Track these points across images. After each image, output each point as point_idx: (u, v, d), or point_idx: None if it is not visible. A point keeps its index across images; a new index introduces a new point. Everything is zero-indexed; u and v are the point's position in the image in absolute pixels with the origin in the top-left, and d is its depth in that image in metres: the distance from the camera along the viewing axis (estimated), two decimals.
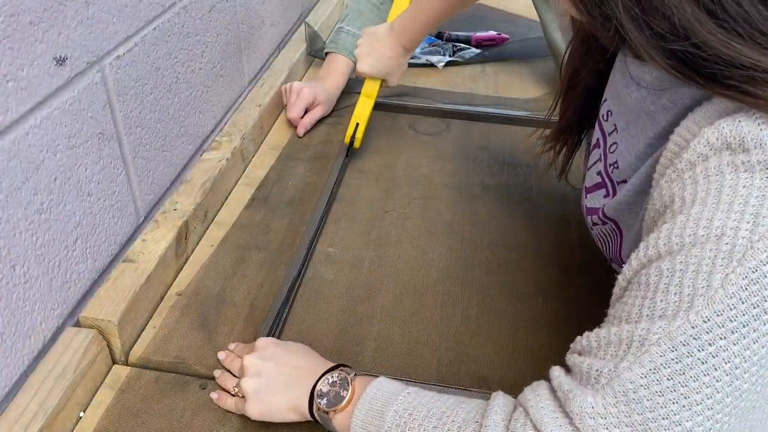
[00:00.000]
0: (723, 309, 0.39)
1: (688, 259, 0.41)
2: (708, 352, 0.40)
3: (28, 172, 0.62)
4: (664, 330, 0.41)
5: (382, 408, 0.55)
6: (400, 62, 1.04)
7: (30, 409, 0.61)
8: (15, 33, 0.58)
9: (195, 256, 0.89)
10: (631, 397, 0.42)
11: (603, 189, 0.65)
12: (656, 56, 0.44)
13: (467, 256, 0.89)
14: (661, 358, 0.41)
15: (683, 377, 0.40)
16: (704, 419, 0.40)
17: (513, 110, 1.26)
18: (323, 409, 0.59)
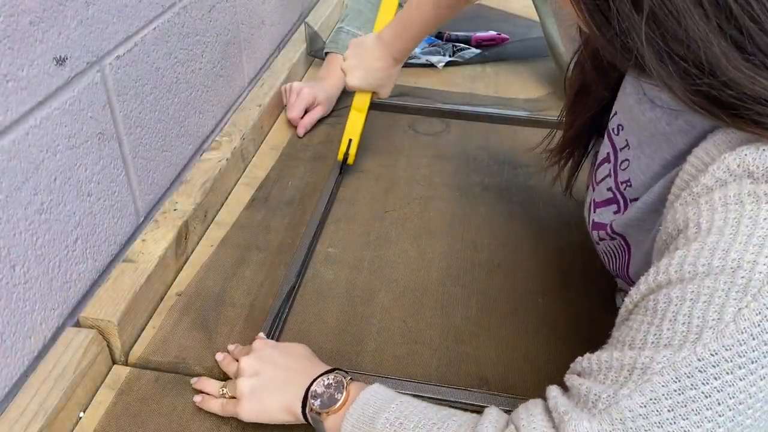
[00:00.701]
0: (732, 344, 0.38)
1: (701, 290, 0.40)
2: (713, 386, 0.39)
3: (28, 172, 0.62)
4: (668, 360, 0.40)
5: (373, 415, 0.55)
6: (390, 73, 1.01)
7: (30, 410, 0.61)
8: (15, 33, 0.58)
9: (195, 256, 0.89)
10: (629, 425, 0.41)
11: (614, 205, 0.64)
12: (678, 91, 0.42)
13: (467, 256, 0.89)
14: (663, 388, 0.40)
15: (684, 410, 0.39)
16: None
17: (513, 110, 1.26)
18: (316, 410, 0.59)
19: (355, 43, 1.01)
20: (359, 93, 1.04)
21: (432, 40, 1.51)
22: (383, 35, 0.98)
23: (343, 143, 1.05)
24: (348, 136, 1.05)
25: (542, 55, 1.44)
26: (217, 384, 0.67)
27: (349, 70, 1.00)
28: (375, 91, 1.03)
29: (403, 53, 0.98)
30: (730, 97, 0.41)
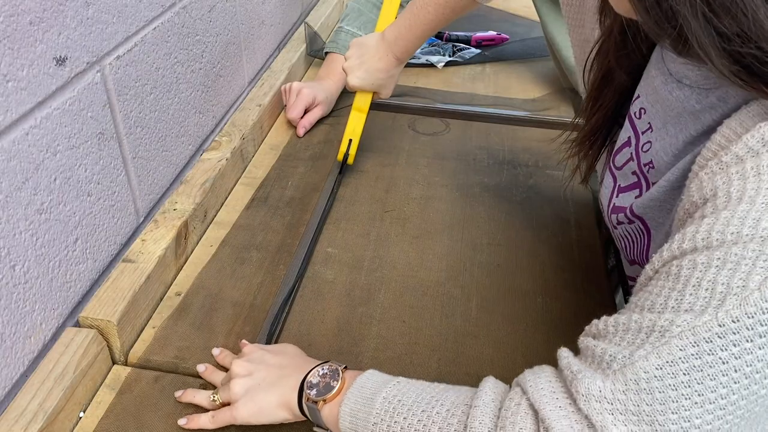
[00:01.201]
0: (755, 312, 0.38)
1: (727, 257, 0.40)
2: (731, 352, 0.39)
3: (28, 172, 0.62)
4: (688, 324, 0.40)
5: (371, 395, 0.54)
6: (392, 74, 1.00)
7: (30, 410, 0.61)
8: (15, 33, 0.59)
9: (195, 256, 0.89)
10: (643, 386, 0.41)
11: (637, 189, 0.63)
12: (717, 60, 0.41)
13: (467, 256, 0.89)
14: (680, 351, 0.40)
15: (701, 374, 0.39)
16: (715, 418, 0.39)
17: (513, 110, 1.26)
18: (312, 398, 0.58)
19: (356, 43, 1.01)
20: (360, 93, 1.04)
21: (432, 40, 1.52)
22: (386, 35, 0.97)
23: (343, 143, 1.05)
24: (348, 136, 1.05)
25: (542, 55, 1.44)
26: (206, 393, 0.66)
27: (351, 69, 1.00)
28: (376, 92, 1.03)
29: (406, 53, 0.97)
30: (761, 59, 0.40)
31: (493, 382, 0.51)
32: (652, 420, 0.40)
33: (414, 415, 0.51)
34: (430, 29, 0.94)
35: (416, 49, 0.98)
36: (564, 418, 0.44)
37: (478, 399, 0.49)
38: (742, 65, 0.41)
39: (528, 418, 0.46)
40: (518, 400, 0.47)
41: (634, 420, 0.41)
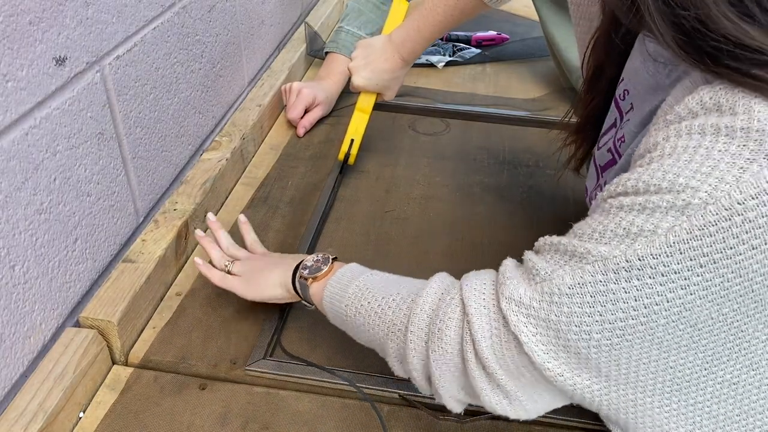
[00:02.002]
0: (659, 254, 0.42)
1: (646, 203, 0.44)
2: (633, 284, 0.43)
3: (27, 172, 0.62)
4: (602, 255, 0.45)
5: (347, 282, 0.64)
6: (397, 75, 1.01)
7: (29, 410, 0.61)
8: (14, 33, 0.58)
9: (195, 256, 0.89)
10: (555, 300, 0.47)
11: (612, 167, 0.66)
12: (665, 30, 0.45)
13: (467, 256, 0.89)
14: (591, 277, 0.45)
15: (604, 298, 0.45)
16: (613, 336, 0.45)
17: (513, 110, 1.26)
18: (304, 276, 0.68)
19: (363, 44, 1.01)
20: (364, 93, 1.04)
21: None
22: (393, 36, 0.98)
23: (344, 143, 1.05)
24: (350, 136, 1.05)
25: (542, 55, 1.44)
26: (221, 254, 0.79)
27: (356, 69, 1.00)
28: (380, 93, 1.03)
29: (413, 54, 0.98)
30: (711, 39, 0.42)
31: (442, 277, 0.60)
32: (557, 329, 0.47)
33: (375, 299, 0.61)
34: (439, 30, 0.95)
35: (423, 50, 0.99)
36: (484, 315, 0.51)
37: (424, 290, 0.58)
38: (685, 35, 0.44)
39: (457, 310, 0.54)
40: (454, 294, 0.55)
41: (543, 326, 0.47)
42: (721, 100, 0.43)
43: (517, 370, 0.50)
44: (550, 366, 0.48)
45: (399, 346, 0.58)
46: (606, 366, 0.47)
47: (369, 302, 0.61)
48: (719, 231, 0.40)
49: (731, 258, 0.40)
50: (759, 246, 0.40)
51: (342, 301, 0.64)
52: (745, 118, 0.41)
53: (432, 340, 0.55)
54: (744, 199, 0.39)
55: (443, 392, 0.56)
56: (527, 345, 0.48)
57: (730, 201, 0.40)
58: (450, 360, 0.54)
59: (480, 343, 0.51)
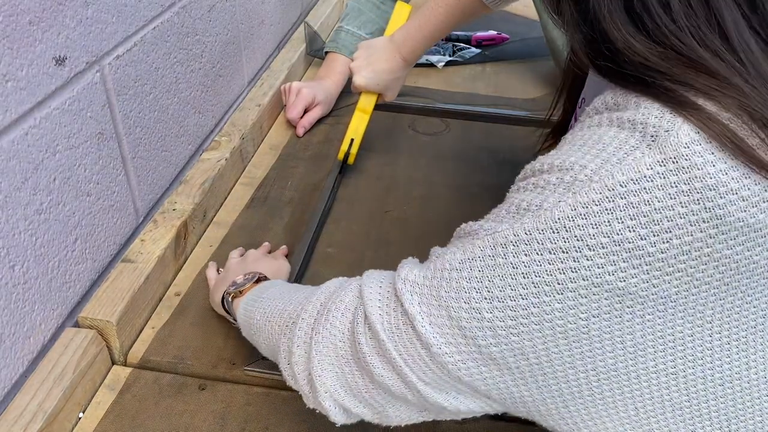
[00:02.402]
0: (545, 229, 0.42)
1: (538, 181, 0.45)
2: (520, 260, 0.43)
3: (27, 172, 0.62)
4: (491, 230, 0.45)
5: (262, 291, 0.66)
6: (398, 75, 1.01)
7: (29, 410, 0.61)
8: (14, 33, 0.58)
9: (194, 256, 0.89)
10: (445, 275, 0.46)
11: None
12: (576, 40, 0.48)
13: None
14: (480, 251, 0.45)
15: (492, 273, 0.44)
16: (506, 317, 0.44)
17: (513, 110, 1.26)
18: (229, 292, 0.70)
19: (364, 45, 1.02)
20: (365, 94, 1.03)
21: None
22: (395, 36, 0.99)
23: (344, 142, 1.04)
24: (350, 135, 1.04)
25: (542, 55, 1.44)
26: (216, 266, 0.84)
27: (357, 69, 1.00)
28: (381, 93, 1.03)
29: (414, 54, 0.98)
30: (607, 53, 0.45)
31: (341, 278, 0.58)
32: (447, 306, 0.46)
33: (282, 299, 0.60)
34: (440, 30, 0.95)
35: (424, 50, 0.98)
36: (376, 299, 0.50)
37: (323, 285, 0.57)
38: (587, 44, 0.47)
39: (351, 294, 0.53)
40: (351, 282, 0.55)
41: (435, 305, 0.46)
42: (618, 100, 0.45)
43: (420, 359, 0.47)
44: (447, 351, 0.46)
45: (289, 340, 0.56)
46: (512, 356, 0.45)
47: (276, 302, 0.61)
48: (603, 212, 0.40)
49: (620, 245, 0.40)
50: (646, 236, 0.40)
51: (254, 306, 0.63)
52: (633, 111, 0.43)
53: (318, 322, 0.53)
54: (625, 182, 0.40)
55: (320, 387, 0.52)
56: (421, 326, 0.46)
57: (612, 181, 0.40)
58: (333, 344, 0.52)
59: (375, 325, 0.49)
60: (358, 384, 0.51)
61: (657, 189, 0.40)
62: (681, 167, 0.40)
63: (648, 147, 0.41)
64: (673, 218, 0.40)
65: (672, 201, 0.40)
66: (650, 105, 0.43)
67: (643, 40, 0.44)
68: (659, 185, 0.40)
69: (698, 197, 0.39)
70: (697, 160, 0.39)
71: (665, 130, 0.41)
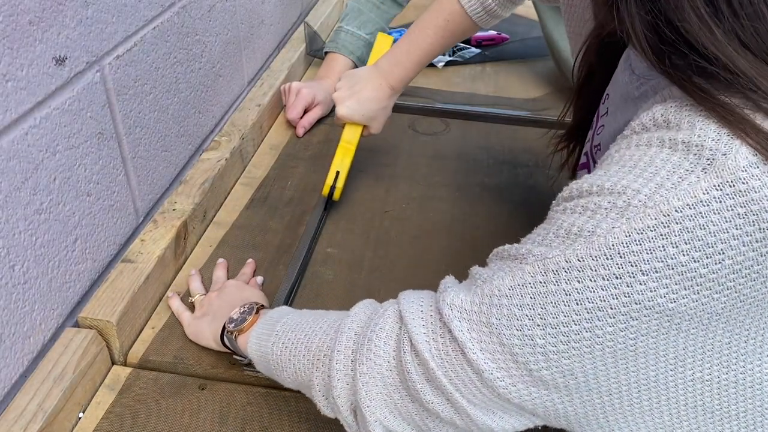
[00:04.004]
0: (599, 255, 0.42)
1: (588, 204, 0.44)
2: (574, 287, 0.42)
3: (27, 172, 0.62)
4: (542, 255, 0.44)
5: (274, 323, 0.62)
6: (385, 105, 0.95)
7: (29, 410, 0.61)
8: (14, 33, 0.58)
9: (194, 256, 0.89)
10: (494, 302, 0.45)
11: (586, 169, 0.66)
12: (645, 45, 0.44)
13: (467, 256, 0.89)
14: (531, 277, 0.44)
15: (544, 300, 0.44)
16: (558, 342, 0.44)
17: (513, 110, 1.26)
18: (230, 330, 0.67)
19: (348, 74, 0.96)
20: (349, 125, 0.96)
21: None
22: (380, 64, 0.94)
23: (329, 176, 0.96)
24: (335, 169, 0.96)
25: (542, 55, 1.43)
26: (198, 289, 0.80)
27: (340, 100, 0.94)
28: (366, 125, 0.96)
29: (402, 82, 0.93)
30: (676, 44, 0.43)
31: (369, 301, 0.58)
32: (499, 333, 0.45)
33: (303, 331, 0.59)
34: (430, 54, 0.91)
35: (413, 77, 0.93)
36: (421, 326, 0.49)
37: (352, 311, 0.56)
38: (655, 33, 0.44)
39: (390, 320, 0.52)
40: (387, 307, 0.54)
41: (486, 331, 0.46)
42: (669, 117, 0.44)
43: (471, 384, 0.47)
44: (499, 376, 0.45)
45: (324, 374, 0.55)
46: (561, 378, 0.45)
47: (296, 334, 0.59)
48: (658, 237, 0.40)
49: (673, 268, 0.40)
50: (700, 259, 0.40)
51: (269, 340, 0.61)
52: (688, 133, 0.42)
53: (360, 353, 0.52)
54: (681, 207, 0.40)
55: (370, 416, 0.51)
56: (472, 353, 0.46)
57: (668, 207, 0.40)
58: (379, 374, 0.51)
59: (424, 353, 0.48)
60: (408, 409, 0.51)
61: (713, 213, 0.39)
62: (738, 191, 0.39)
63: (704, 171, 0.40)
64: (727, 240, 0.39)
65: (727, 224, 0.39)
66: (706, 125, 0.41)
67: (719, 32, 0.41)
68: (715, 209, 0.39)
69: (754, 219, 0.39)
70: (754, 184, 0.39)
71: (722, 154, 0.40)
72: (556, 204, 0.48)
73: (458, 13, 0.88)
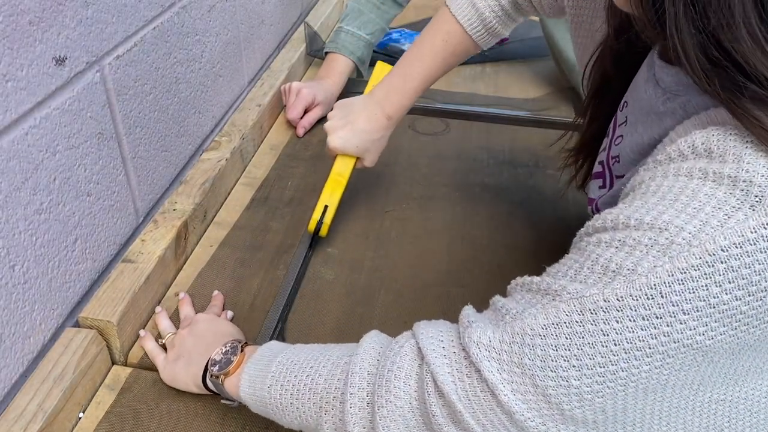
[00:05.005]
0: (639, 295, 0.40)
1: (626, 239, 0.42)
2: (612, 327, 0.41)
3: (27, 172, 0.62)
4: (578, 293, 0.43)
5: (268, 362, 0.58)
6: (380, 136, 0.88)
7: (29, 410, 0.61)
8: (14, 33, 0.58)
9: (194, 256, 0.89)
10: (527, 341, 0.44)
11: (601, 179, 0.65)
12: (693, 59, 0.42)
13: (467, 256, 0.89)
14: (566, 316, 0.43)
15: (581, 341, 0.42)
16: (594, 383, 0.42)
17: (513, 110, 1.26)
18: (215, 374, 0.62)
19: (340, 104, 0.90)
20: (341, 157, 0.90)
21: None
22: (375, 93, 0.87)
23: (316, 210, 0.89)
24: (324, 202, 0.90)
25: (542, 55, 1.43)
26: (168, 328, 0.74)
27: (333, 130, 0.87)
28: (359, 157, 0.90)
29: (399, 110, 0.87)
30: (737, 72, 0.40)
31: (375, 334, 0.55)
32: (532, 374, 0.43)
33: (303, 371, 0.55)
34: (426, 79, 0.85)
35: (410, 105, 0.87)
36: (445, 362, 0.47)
37: (360, 348, 0.53)
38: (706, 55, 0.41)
39: (408, 358, 0.49)
40: (403, 342, 0.51)
41: (518, 372, 0.44)
42: (712, 146, 0.42)
43: (500, 425, 0.46)
44: (530, 416, 0.44)
45: (336, 418, 0.52)
46: (592, 414, 0.44)
47: (296, 376, 0.55)
48: (702, 276, 0.39)
49: (715, 307, 0.39)
50: (742, 297, 0.39)
51: (264, 383, 0.57)
52: (734, 166, 0.40)
53: (378, 395, 0.49)
54: (728, 246, 0.38)
55: None
56: (503, 394, 0.44)
57: (714, 246, 0.39)
58: (401, 417, 0.49)
59: (450, 395, 0.46)
60: None
61: (759, 252, 0.38)
62: None
63: (752, 208, 0.39)
64: None
65: None
66: (754, 159, 0.40)
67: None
68: (762, 248, 0.38)
69: None
70: None
71: None
72: (586, 233, 0.47)
73: (457, 33, 0.83)
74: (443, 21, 0.83)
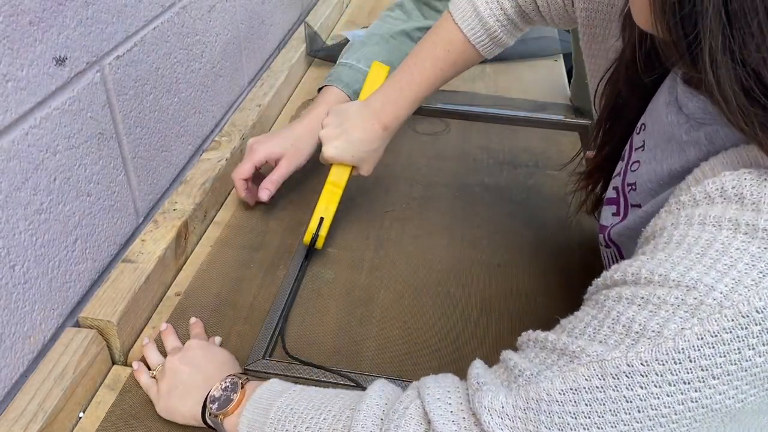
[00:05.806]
0: (667, 360, 0.38)
1: (650, 298, 0.40)
2: (636, 393, 0.39)
3: (27, 172, 0.62)
4: (598, 356, 0.40)
5: (267, 406, 0.56)
6: (376, 146, 0.85)
7: (29, 410, 0.61)
8: (14, 33, 0.58)
9: (194, 256, 0.89)
10: (543, 408, 0.41)
11: (614, 206, 0.62)
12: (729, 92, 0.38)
13: (467, 256, 0.89)
14: (586, 381, 0.40)
15: (602, 408, 0.39)
16: None
17: (513, 110, 1.26)
18: (214, 413, 0.60)
19: (335, 111, 0.86)
20: (336, 166, 0.88)
21: None
22: (371, 101, 0.85)
23: (312, 222, 0.87)
24: (319, 214, 0.88)
25: (542, 54, 1.44)
26: (157, 360, 0.69)
27: (328, 139, 0.84)
28: (355, 166, 0.87)
29: (396, 120, 0.84)
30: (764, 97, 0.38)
31: (381, 385, 0.52)
32: None
33: (303, 422, 0.52)
34: (426, 89, 0.82)
35: (408, 115, 0.84)
36: (453, 429, 0.44)
37: (363, 403, 0.50)
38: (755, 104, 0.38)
39: (414, 422, 0.46)
40: (407, 403, 0.48)
41: None
42: (744, 191, 0.39)
43: None
44: None
45: None
46: None
47: (295, 426, 0.52)
48: (734, 339, 0.36)
49: (747, 370, 0.37)
50: None
51: (263, 429, 0.55)
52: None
53: None
54: (763, 307, 0.36)
55: None
56: None
57: (748, 308, 0.36)
58: None
59: None
60: None
61: None
62: None
63: None
64: None
65: None
66: None
67: None
68: None
69: None
70: None
71: None
72: (604, 285, 0.44)
73: (460, 43, 0.80)
74: (445, 29, 0.81)
